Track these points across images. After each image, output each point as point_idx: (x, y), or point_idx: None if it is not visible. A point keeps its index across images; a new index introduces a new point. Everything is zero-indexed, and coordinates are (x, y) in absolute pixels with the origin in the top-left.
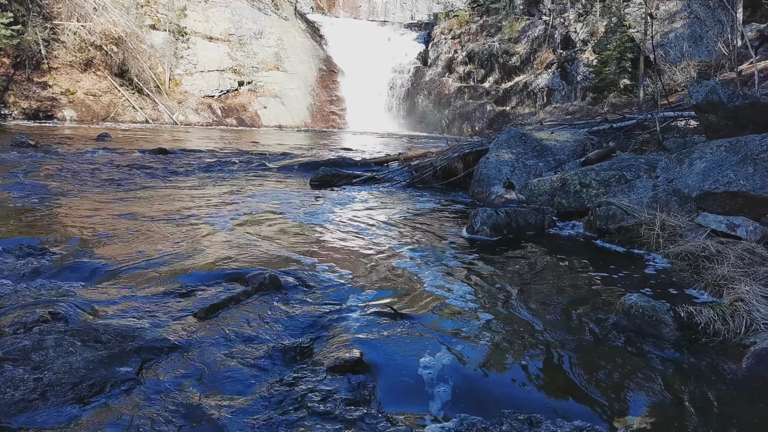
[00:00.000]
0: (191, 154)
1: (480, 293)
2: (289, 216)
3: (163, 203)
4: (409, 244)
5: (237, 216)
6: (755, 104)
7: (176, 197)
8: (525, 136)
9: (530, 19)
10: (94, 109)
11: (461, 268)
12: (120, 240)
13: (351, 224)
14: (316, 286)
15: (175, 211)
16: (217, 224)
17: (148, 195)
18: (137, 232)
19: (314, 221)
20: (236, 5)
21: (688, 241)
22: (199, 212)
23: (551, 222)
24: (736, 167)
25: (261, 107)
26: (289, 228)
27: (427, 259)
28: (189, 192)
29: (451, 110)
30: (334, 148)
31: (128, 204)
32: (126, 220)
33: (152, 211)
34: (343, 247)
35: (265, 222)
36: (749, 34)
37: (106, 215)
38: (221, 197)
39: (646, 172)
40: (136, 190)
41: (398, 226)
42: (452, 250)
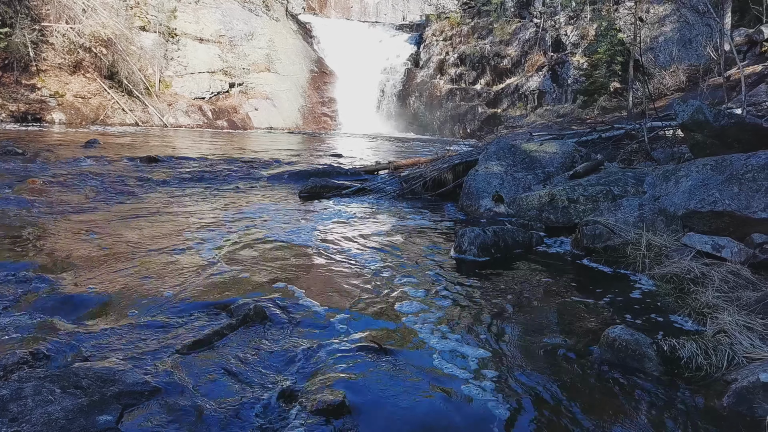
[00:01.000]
0: (180, 163)
1: (465, 323)
2: (277, 236)
3: (148, 223)
4: (396, 267)
5: (224, 237)
6: (740, 124)
7: (162, 216)
8: (514, 148)
9: (521, 22)
10: (83, 111)
11: (448, 295)
12: (103, 267)
13: (337, 244)
14: (300, 316)
15: (161, 234)
16: (203, 248)
17: (134, 213)
18: (121, 257)
19: (301, 241)
20: (227, 6)
21: (673, 263)
22: (185, 234)
23: (539, 239)
24: (722, 186)
25: (252, 109)
26: (276, 250)
27: (415, 284)
28: (175, 209)
29: (442, 112)
30: (324, 153)
31: (113, 225)
32: (110, 243)
33: (137, 234)
34: (329, 271)
35: (252, 244)
36: (738, 39)
37: (89, 238)
38: (209, 214)
39: (633, 186)
40: (122, 207)
41: (385, 245)
42: (440, 273)
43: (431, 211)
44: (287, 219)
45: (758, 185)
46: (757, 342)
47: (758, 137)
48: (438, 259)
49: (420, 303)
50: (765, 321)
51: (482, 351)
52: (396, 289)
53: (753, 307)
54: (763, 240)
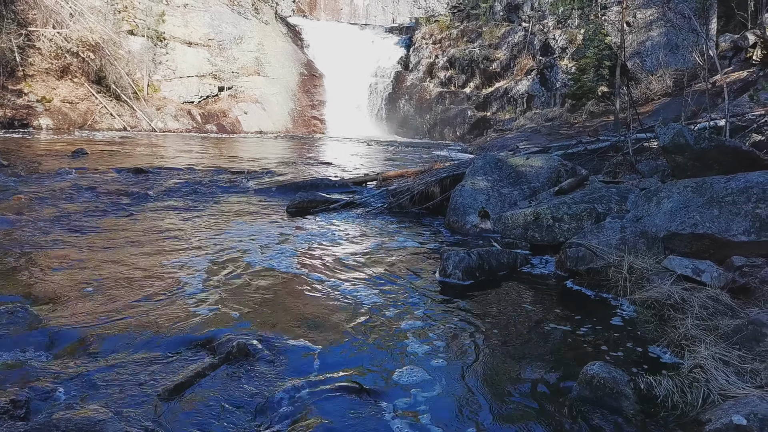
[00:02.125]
0: (167, 174)
1: (447, 355)
2: (262, 260)
3: (131, 246)
4: (380, 293)
5: (208, 263)
6: (720, 146)
7: (146, 237)
8: (500, 162)
9: (510, 26)
10: (70, 116)
11: (431, 325)
12: (82, 299)
13: (321, 270)
14: (283, 351)
15: (144, 261)
16: (186, 276)
17: (117, 237)
18: (101, 288)
19: (285, 267)
20: (216, 10)
21: (654, 287)
22: (169, 258)
23: (524, 260)
24: (702, 209)
25: (241, 113)
26: (260, 278)
27: (398, 312)
28: (160, 230)
29: (432, 115)
30: (313, 161)
31: (95, 251)
32: (90, 273)
33: (118, 262)
34: (313, 300)
35: (236, 271)
36: (723, 45)
37: (70, 266)
38: (194, 236)
39: (617, 203)
40: (106, 229)
41: (370, 269)
42: (424, 300)
43: (418, 227)
44: (273, 240)
45: (738, 209)
46: (732, 378)
47: (738, 159)
48: (423, 283)
49: (402, 334)
50: (741, 353)
51: (462, 388)
52: (379, 320)
53: (730, 338)
54: (742, 262)
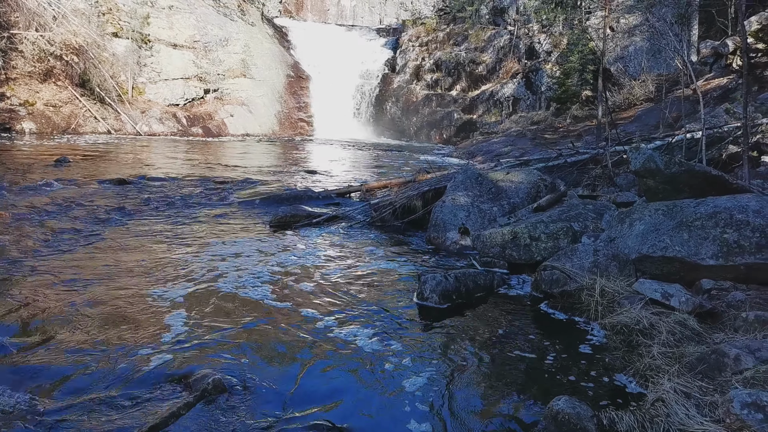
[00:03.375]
0: (150, 186)
1: (419, 386)
2: (240, 285)
3: (108, 269)
4: (357, 321)
5: (185, 290)
6: (690, 171)
7: (124, 257)
8: (481, 177)
9: (496, 29)
10: (54, 120)
11: (406, 354)
12: (56, 332)
13: (300, 293)
14: (258, 387)
15: (119, 288)
16: (163, 304)
17: (96, 258)
18: (75, 319)
19: (263, 293)
20: (201, 11)
21: (624, 311)
22: (145, 283)
23: (501, 280)
24: (672, 233)
25: (228, 115)
26: (237, 306)
27: (374, 341)
28: (141, 249)
29: (419, 117)
30: (298, 169)
31: (73, 274)
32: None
33: (94, 289)
34: (289, 329)
35: (213, 297)
36: (704, 51)
37: (43, 287)
38: (174, 256)
39: (593, 221)
40: (86, 249)
41: (349, 292)
42: (401, 327)
43: (399, 244)
44: (253, 261)
45: (706, 233)
46: (692, 411)
47: (708, 183)
48: (401, 307)
49: (378, 363)
50: (704, 383)
51: (433, 422)
52: (355, 349)
53: (694, 367)
54: (711, 285)
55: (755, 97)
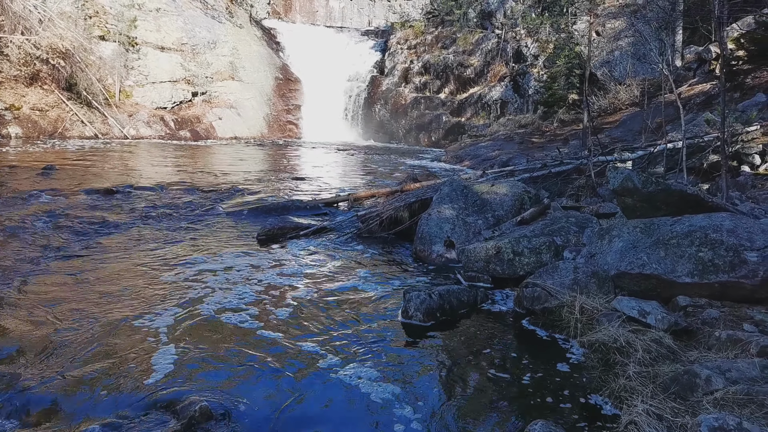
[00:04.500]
0: (138, 195)
1: (402, 409)
2: (226, 305)
3: (92, 290)
4: (343, 341)
5: (171, 313)
6: (667, 190)
7: (110, 276)
8: (466, 189)
9: (483, 33)
10: (40, 124)
11: (389, 376)
12: (41, 357)
13: (286, 313)
14: (243, 414)
15: (103, 307)
16: (147, 327)
17: (80, 273)
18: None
19: (250, 314)
20: (189, 14)
21: (602, 329)
22: (130, 306)
23: (484, 296)
24: (650, 250)
25: (216, 118)
26: (223, 329)
27: (360, 362)
28: (125, 267)
29: (408, 120)
30: (286, 176)
31: (57, 295)
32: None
33: (80, 310)
34: (276, 351)
35: (199, 319)
36: (688, 56)
37: (26, 309)
38: (158, 273)
39: (575, 234)
40: (72, 265)
41: (334, 310)
42: (385, 347)
43: (385, 257)
44: (239, 278)
45: (682, 251)
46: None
47: (684, 201)
48: (385, 326)
49: (360, 389)
50: (676, 404)
51: None
52: (341, 372)
53: (668, 387)
54: (686, 303)
55: (736, 105)
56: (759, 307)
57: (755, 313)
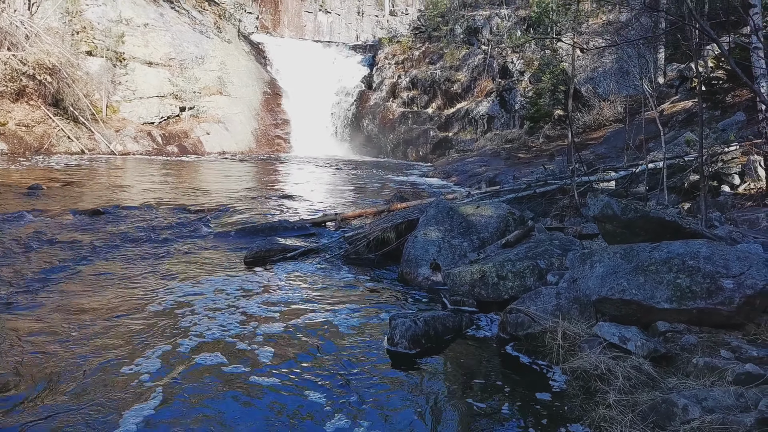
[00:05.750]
0: (124, 215)
1: None
2: (211, 336)
3: (75, 320)
4: (329, 369)
5: (154, 345)
6: (645, 216)
7: (93, 306)
8: (452, 211)
9: (470, 48)
10: (26, 140)
11: (376, 405)
12: (15, 407)
13: (273, 344)
14: None
15: (86, 344)
16: (124, 367)
17: (63, 301)
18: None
19: (234, 351)
20: (177, 29)
21: (583, 356)
22: (112, 338)
23: (469, 321)
24: (629, 276)
25: (204, 133)
26: (209, 364)
27: (347, 395)
28: (108, 293)
29: (396, 135)
30: (274, 194)
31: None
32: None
33: (58, 338)
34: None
35: (179, 355)
36: (670, 74)
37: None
38: (143, 300)
39: (558, 258)
40: (54, 289)
41: (321, 338)
42: (370, 377)
43: (373, 280)
44: (226, 303)
45: (660, 278)
46: None
47: (662, 227)
48: (372, 354)
49: (348, 425)
50: None
51: None
52: (328, 407)
53: (647, 416)
54: (666, 328)
55: (717, 123)
56: (736, 333)
57: (732, 339)
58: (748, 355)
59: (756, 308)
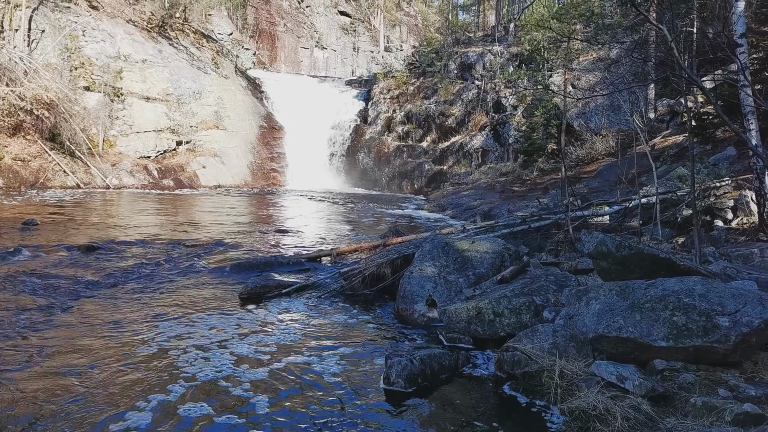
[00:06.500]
0: (118, 251)
1: None
2: (204, 377)
3: (65, 363)
4: (325, 409)
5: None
6: (639, 254)
7: (81, 346)
8: (447, 246)
9: (464, 83)
10: (22, 175)
11: None
12: None
13: (267, 386)
14: None
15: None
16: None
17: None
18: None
19: (225, 397)
20: (175, 65)
21: (581, 395)
22: (103, 387)
23: (465, 359)
24: (626, 314)
25: (200, 167)
26: (201, 410)
27: None
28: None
29: (391, 168)
30: (269, 228)
31: (19, 363)
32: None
33: (45, 385)
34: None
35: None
36: (661, 109)
37: None
38: (135, 343)
39: (554, 294)
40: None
41: (317, 379)
42: (368, 416)
43: (368, 317)
44: (219, 345)
45: (657, 315)
46: None
47: (656, 264)
48: (368, 394)
49: None
50: None
51: None
52: None
53: None
54: (663, 366)
55: (708, 158)
56: (733, 371)
57: (729, 377)
58: (746, 394)
59: (752, 346)
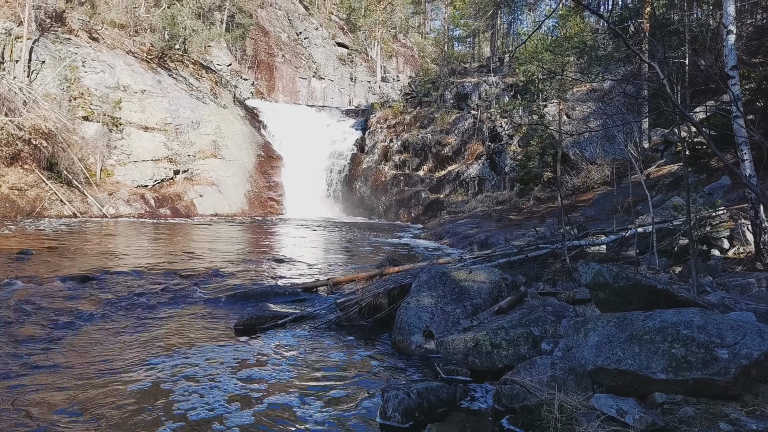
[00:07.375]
0: (113, 281)
1: None
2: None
3: (54, 400)
4: None
5: None
6: (637, 285)
7: (70, 381)
8: (444, 276)
9: (460, 113)
10: (18, 204)
11: None
12: None
13: (259, 419)
14: None
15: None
16: None
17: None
18: None
19: None
20: (174, 95)
21: (581, 430)
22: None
23: (463, 392)
24: (624, 345)
25: (197, 196)
26: None
27: None
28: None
29: (388, 197)
30: (265, 257)
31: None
32: None
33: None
34: None
35: None
36: (655, 139)
37: None
38: (126, 378)
39: (552, 324)
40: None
41: (312, 414)
42: None
43: (365, 349)
44: (212, 379)
45: (656, 347)
46: None
47: (654, 295)
48: (364, 429)
49: None
50: None
51: None
52: None
53: None
54: (663, 399)
55: (703, 187)
56: (734, 404)
57: (730, 410)
58: (747, 428)
59: (752, 378)
